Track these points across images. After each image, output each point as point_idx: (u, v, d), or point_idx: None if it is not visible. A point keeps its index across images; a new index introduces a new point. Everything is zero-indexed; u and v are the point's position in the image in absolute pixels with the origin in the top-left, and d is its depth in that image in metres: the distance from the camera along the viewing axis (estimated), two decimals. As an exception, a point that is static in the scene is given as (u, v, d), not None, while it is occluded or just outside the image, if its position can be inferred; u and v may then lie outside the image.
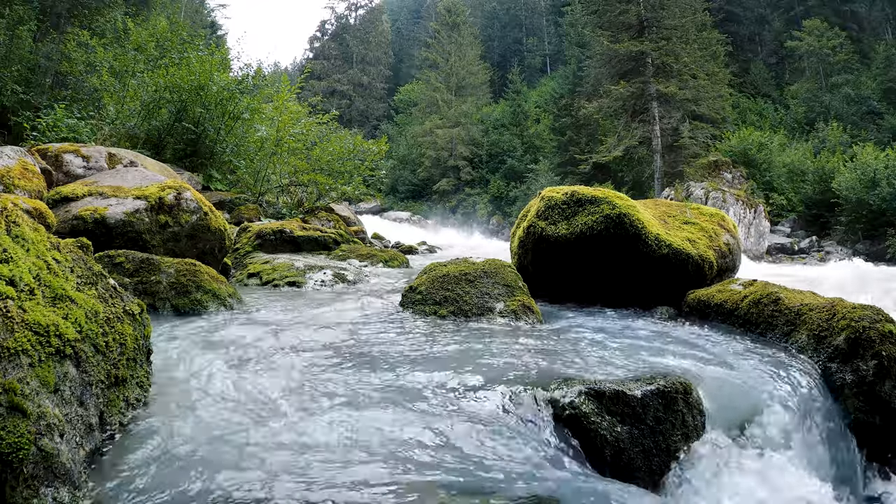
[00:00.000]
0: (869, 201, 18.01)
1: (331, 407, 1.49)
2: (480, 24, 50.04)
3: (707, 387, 1.76)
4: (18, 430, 0.96)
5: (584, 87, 29.29)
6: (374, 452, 1.26)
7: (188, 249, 3.51)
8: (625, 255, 3.08)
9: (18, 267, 1.20)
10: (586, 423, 1.50)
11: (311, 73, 33.76)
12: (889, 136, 23.92)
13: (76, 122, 7.72)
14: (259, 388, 1.63)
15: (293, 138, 8.47)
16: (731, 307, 2.67)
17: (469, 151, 36.26)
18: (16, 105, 12.50)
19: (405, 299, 2.77)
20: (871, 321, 2.04)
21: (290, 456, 1.22)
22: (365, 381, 1.70)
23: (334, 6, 72.10)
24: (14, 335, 1.06)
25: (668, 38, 23.83)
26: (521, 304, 2.64)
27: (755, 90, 33.79)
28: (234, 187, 8.20)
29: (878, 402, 1.93)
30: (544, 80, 43.66)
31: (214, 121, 8.40)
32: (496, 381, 1.66)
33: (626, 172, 26.08)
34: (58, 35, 14.79)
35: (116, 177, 3.97)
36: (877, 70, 28.93)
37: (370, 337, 2.22)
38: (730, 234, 3.64)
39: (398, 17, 64.48)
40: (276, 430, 1.35)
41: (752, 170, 22.71)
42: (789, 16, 36.20)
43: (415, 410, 1.49)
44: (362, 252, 5.06)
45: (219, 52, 9.30)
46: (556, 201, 3.18)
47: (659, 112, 23.43)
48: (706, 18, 27.02)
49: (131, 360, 1.46)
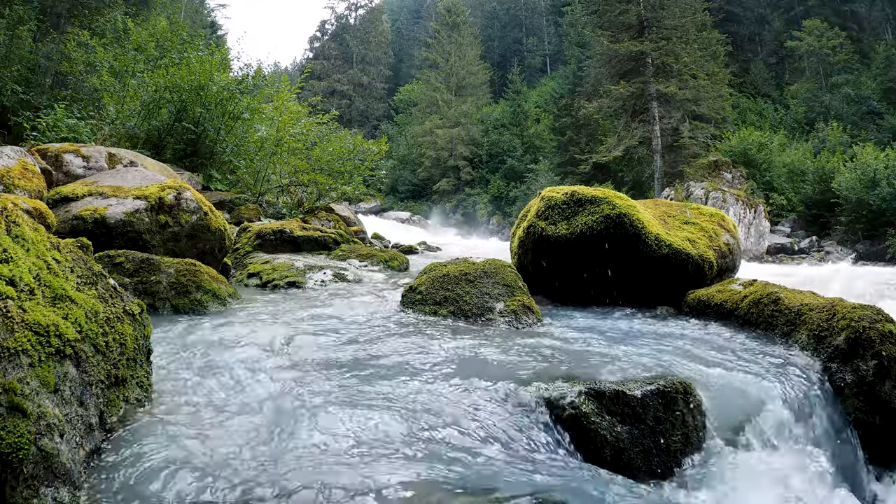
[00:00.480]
0: (869, 201, 18.01)
1: (331, 406, 1.49)
2: (480, 24, 50.04)
3: (707, 387, 1.76)
4: (18, 430, 0.96)
5: (584, 87, 29.29)
6: (373, 452, 1.26)
7: (188, 249, 3.51)
8: (625, 256, 3.08)
9: (18, 267, 1.20)
10: (586, 423, 1.50)
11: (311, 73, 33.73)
12: (889, 136, 23.92)
13: (76, 122, 7.72)
14: (259, 388, 1.63)
15: (293, 138, 8.47)
16: (731, 307, 2.67)
17: (469, 151, 36.26)
18: (16, 105, 12.50)
19: (405, 299, 2.77)
20: (871, 321, 2.04)
21: (290, 456, 1.22)
22: (365, 381, 1.70)
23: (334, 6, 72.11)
24: (14, 335, 1.06)
25: (668, 38, 23.83)
26: (521, 304, 2.64)
27: (755, 90, 33.79)
28: (234, 187, 8.20)
29: (879, 403, 1.93)
30: (544, 80, 43.66)
31: (214, 121, 8.39)
32: (496, 381, 1.66)
33: (626, 172, 26.08)
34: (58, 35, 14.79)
35: (116, 177, 3.97)
36: (877, 70, 28.92)
37: (370, 337, 2.22)
38: (730, 234, 3.64)
39: (398, 17, 64.46)
40: (275, 429, 1.35)
41: (752, 170, 22.71)
42: (789, 16, 36.20)
43: (414, 410, 1.49)
44: (362, 252, 5.06)
45: (219, 52, 9.29)
46: (556, 201, 3.18)
47: (659, 112, 23.43)
48: (706, 18, 27.01)
49: (131, 360, 1.46)
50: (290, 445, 1.28)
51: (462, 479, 1.19)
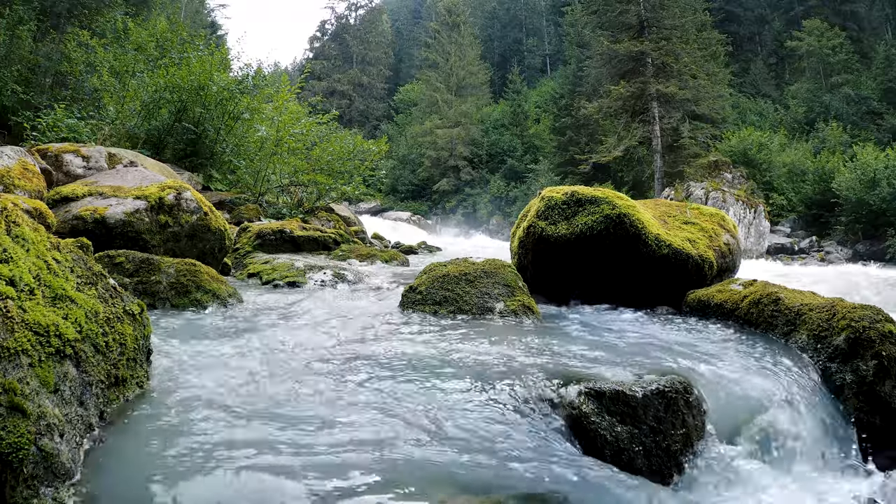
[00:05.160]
0: (869, 201, 18.02)
1: (330, 405, 1.49)
2: (480, 24, 50.06)
3: (707, 387, 1.75)
4: (18, 430, 0.96)
5: (584, 87, 29.29)
6: (373, 452, 1.26)
7: (188, 249, 3.51)
8: (625, 256, 3.08)
9: (18, 267, 1.20)
10: (586, 423, 1.50)
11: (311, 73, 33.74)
12: (889, 136, 23.92)
13: (76, 122, 7.71)
14: (258, 387, 1.63)
15: (293, 138, 8.47)
16: (731, 307, 2.67)
17: (469, 151, 36.26)
18: (16, 105, 12.49)
19: (405, 299, 2.77)
20: (871, 321, 2.04)
21: (290, 455, 1.22)
22: (365, 381, 1.70)
23: (334, 6, 72.27)
24: (14, 335, 1.06)
25: (668, 38, 23.82)
26: (521, 304, 2.64)
27: (755, 90, 33.80)
28: (234, 187, 8.19)
29: (879, 403, 1.93)
30: (544, 80, 43.69)
31: (214, 121, 8.39)
32: (496, 381, 1.66)
33: (626, 172, 26.08)
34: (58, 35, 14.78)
35: (116, 177, 3.97)
36: (877, 70, 28.92)
37: (370, 337, 2.22)
38: (730, 234, 3.64)
39: (398, 17, 64.47)
40: (275, 429, 1.35)
41: (752, 170, 22.73)
42: (789, 16, 36.23)
43: (413, 410, 1.49)
44: (362, 252, 5.06)
45: (219, 52, 9.29)
46: (556, 201, 3.18)
47: (659, 112, 23.42)
48: (706, 18, 27.02)
49: (131, 360, 1.46)
50: (290, 445, 1.27)
51: (460, 478, 1.19)
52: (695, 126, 23.77)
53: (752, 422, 1.72)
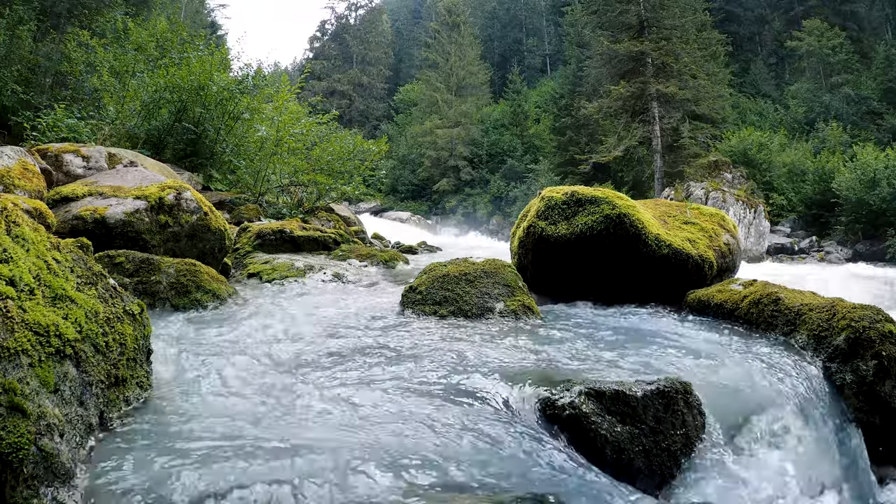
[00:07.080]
0: (869, 201, 18.02)
1: (329, 404, 1.49)
2: (480, 24, 50.03)
3: (707, 387, 1.75)
4: (18, 430, 0.96)
5: (584, 87, 29.28)
6: (372, 452, 1.26)
7: (188, 249, 3.51)
8: (625, 256, 3.08)
9: (18, 267, 1.20)
10: (586, 423, 1.50)
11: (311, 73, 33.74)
12: (889, 136, 23.92)
13: (76, 122, 7.70)
14: (258, 387, 1.63)
15: (293, 138, 8.46)
16: (731, 307, 2.67)
17: (469, 151, 36.25)
18: (16, 105, 12.48)
19: (405, 299, 2.77)
20: (871, 321, 2.04)
21: (289, 455, 1.22)
22: (365, 381, 1.70)
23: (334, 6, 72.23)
24: (14, 335, 1.06)
25: (668, 38, 23.82)
26: (521, 304, 2.64)
27: (755, 90, 33.80)
28: (234, 187, 8.19)
29: (879, 403, 1.93)
30: (544, 80, 43.67)
31: (214, 121, 8.39)
32: (496, 381, 1.66)
33: (626, 172, 26.08)
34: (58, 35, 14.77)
35: (116, 177, 3.97)
36: (877, 70, 28.92)
37: (370, 337, 2.22)
38: (730, 234, 3.64)
39: (398, 17, 64.45)
40: (274, 429, 1.35)
41: (752, 170, 22.73)
42: (789, 16, 36.23)
43: (413, 410, 1.49)
44: (362, 252, 5.06)
45: (218, 52, 9.29)
46: (556, 201, 3.18)
47: (659, 112, 23.42)
48: (706, 18, 27.02)
49: (131, 360, 1.46)
50: (289, 444, 1.27)
51: (460, 479, 1.19)
52: (695, 126, 23.77)
53: (752, 422, 1.72)
